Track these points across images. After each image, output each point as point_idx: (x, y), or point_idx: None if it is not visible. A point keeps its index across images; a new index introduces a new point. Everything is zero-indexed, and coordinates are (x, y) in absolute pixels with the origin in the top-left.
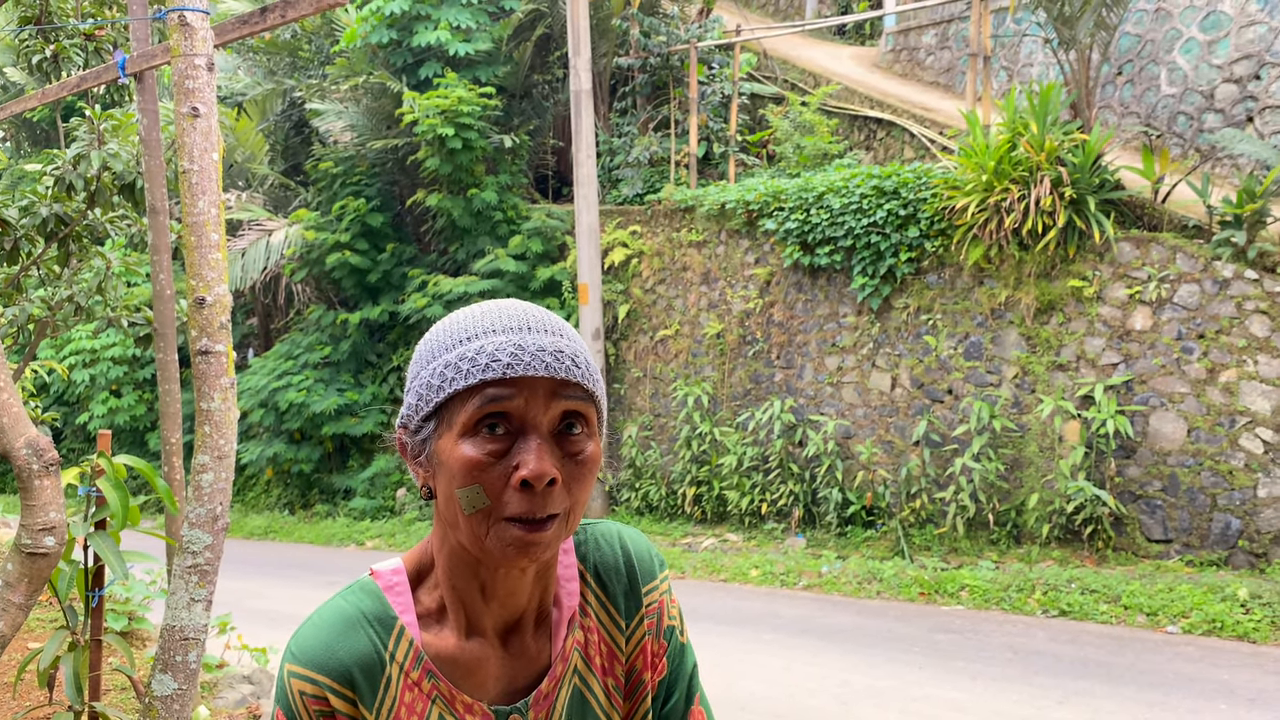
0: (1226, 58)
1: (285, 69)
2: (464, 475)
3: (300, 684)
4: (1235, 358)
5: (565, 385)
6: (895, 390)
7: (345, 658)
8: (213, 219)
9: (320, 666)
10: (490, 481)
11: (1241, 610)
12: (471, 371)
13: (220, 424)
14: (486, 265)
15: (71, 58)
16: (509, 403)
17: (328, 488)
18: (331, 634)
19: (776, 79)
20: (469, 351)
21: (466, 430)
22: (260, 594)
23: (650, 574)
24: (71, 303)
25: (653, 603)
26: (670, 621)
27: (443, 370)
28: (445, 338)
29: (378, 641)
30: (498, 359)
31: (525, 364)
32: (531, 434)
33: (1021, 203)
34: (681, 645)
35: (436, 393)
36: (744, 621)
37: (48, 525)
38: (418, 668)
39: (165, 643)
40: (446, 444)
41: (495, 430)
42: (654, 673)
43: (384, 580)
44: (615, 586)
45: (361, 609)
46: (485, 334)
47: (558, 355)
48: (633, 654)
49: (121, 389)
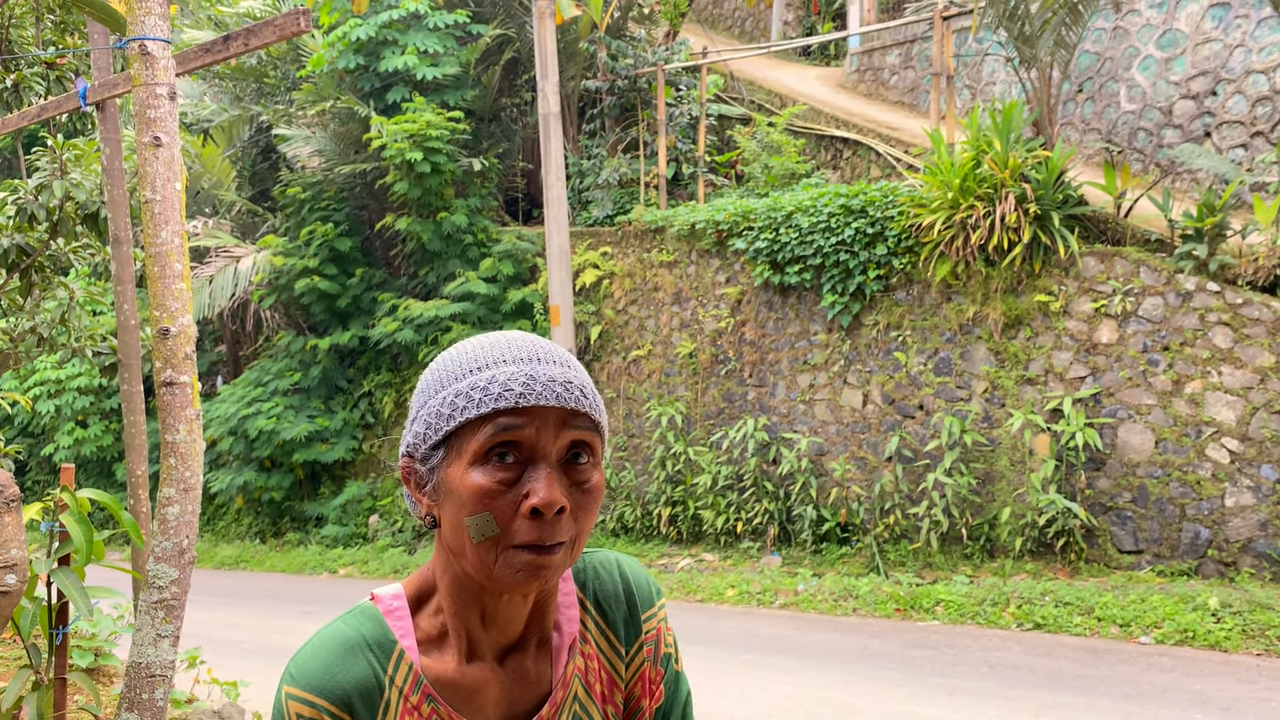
0: (1184, 74)
1: (252, 95)
2: (474, 503)
3: (298, 706)
4: (1200, 369)
5: (574, 415)
6: (867, 407)
7: (344, 682)
8: (176, 249)
9: (319, 690)
10: (500, 509)
11: (1213, 619)
12: (484, 400)
13: (186, 456)
14: (457, 288)
15: (33, 86)
16: (520, 432)
17: (299, 515)
18: (331, 658)
19: (743, 100)
20: (480, 381)
21: (477, 459)
22: (232, 624)
23: (649, 601)
24: (34, 334)
25: (651, 630)
26: (667, 649)
27: (453, 399)
28: (455, 367)
29: (377, 666)
30: (510, 388)
31: (537, 394)
32: (541, 463)
33: (987, 219)
34: (677, 673)
35: (447, 421)
36: (721, 641)
37: (9, 563)
38: (417, 692)
39: (131, 680)
40: (456, 472)
41: (505, 459)
42: (652, 700)
43: (384, 605)
44: (615, 614)
45: (362, 633)
46: (496, 364)
47: (567, 386)
48: (632, 680)
49: (88, 419)
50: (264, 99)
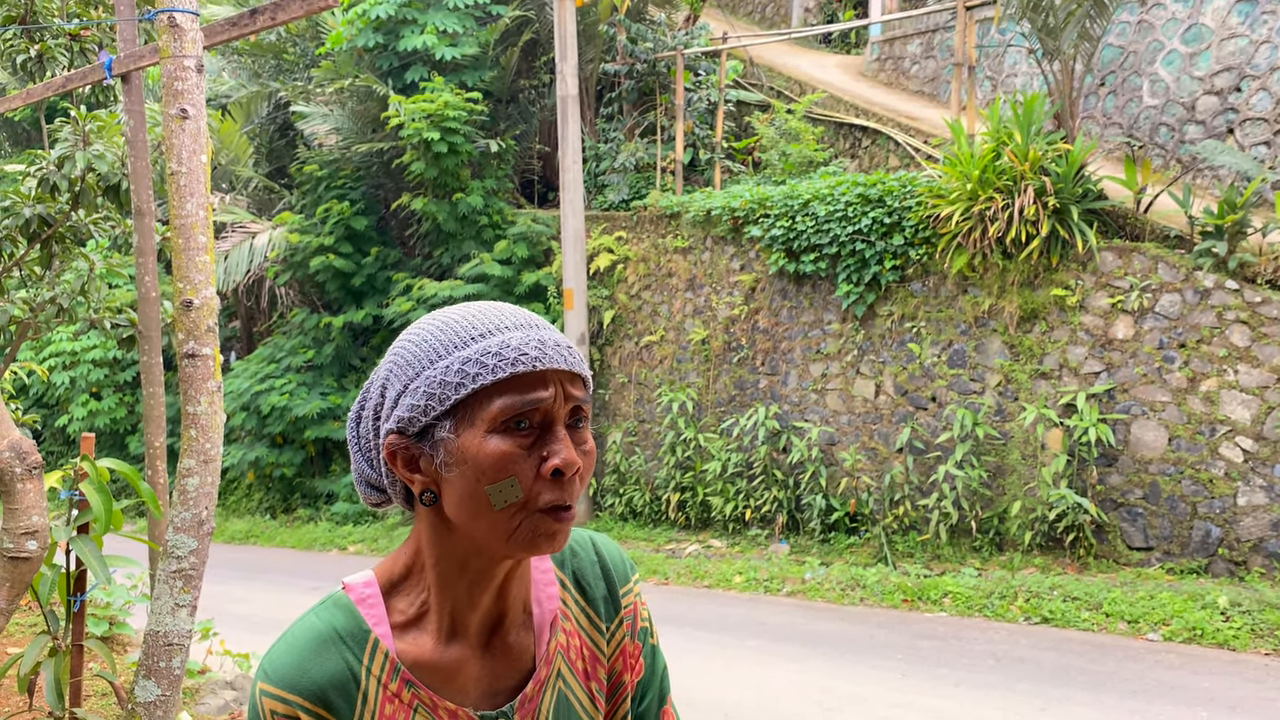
0: (1208, 70)
1: (270, 71)
2: (496, 469)
3: (272, 704)
4: (1216, 367)
5: (574, 379)
6: (879, 397)
7: (318, 676)
8: (200, 221)
9: (292, 686)
10: (523, 474)
11: (1221, 618)
12: (499, 366)
13: (206, 428)
14: (471, 270)
15: (56, 58)
16: (543, 397)
17: (310, 492)
18: (304, 653)
19: (762, 86)
20: (491, 347)
21: (495, 425)
22: (242, 599)
23: (625, 577)
24: (54, 304)
25: (629, 605)
26: (643, 623)
27: (461, 367)
28: (452, 336)
29: (351, 658)
30: (525, 353)
31: (549, 358)
32: (557, 425)
33: (1005, 212)
34: (653, 647)
35: (455, 390)
36: (727, 628)
37: (30, 529)
38: (395, 679)
39: (149, 648)
40: (471, 441)
41: (522, 426)
42: (633, 674)
43: (356, 593)
44: (595, 591)
45: (334, 625)
46: (500, 330)
47: (570, 350)
48: (614, 656)
49: (102, 392)
50: (282, 76)
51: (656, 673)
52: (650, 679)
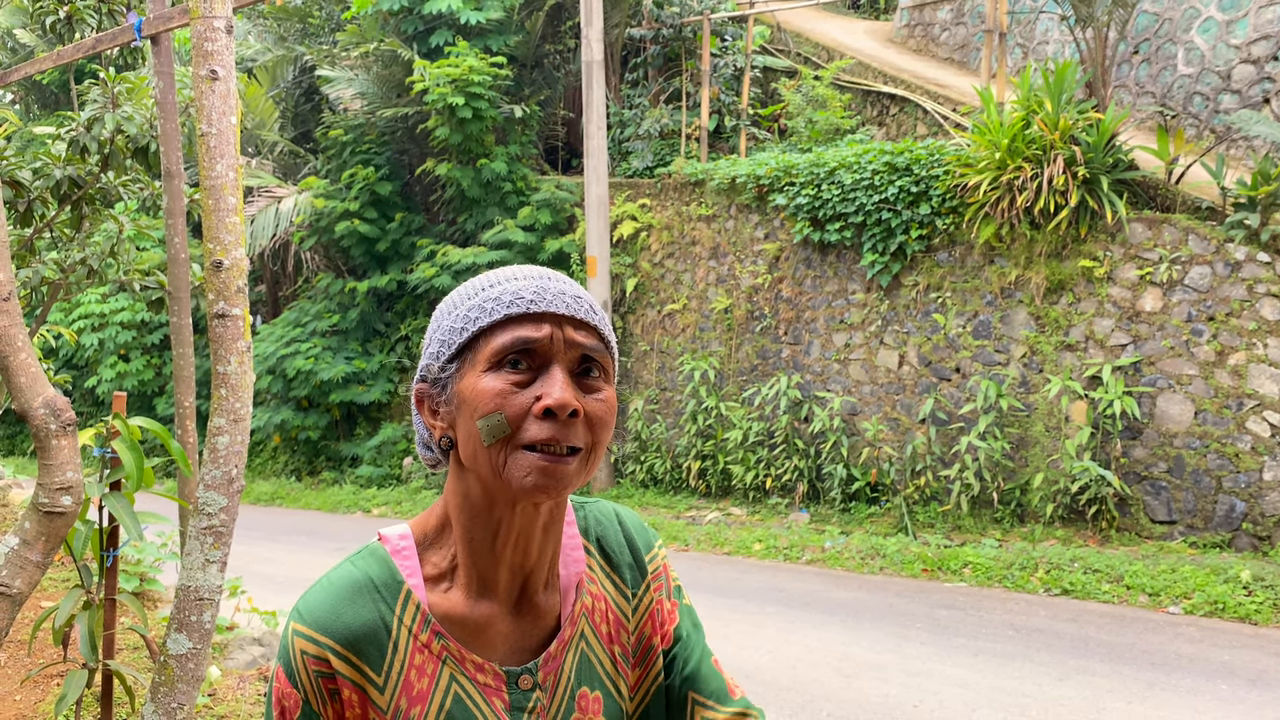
0: (1245, 38)
1: (296, 35)
2: (486, 404)
3: (303, 643)
4: (1245, 341)
5: (583, 328)
6: (903, 368)
7: (351, 621)
8: (230, 183)
9: (324, 629)
10: (512, 409)
11: (1244, 592)
12: (495, 309)
13: (236, 387)
14: (495, 236)
15: (85, 20)
16: (533, 336)
17: (334, 455)
18: (339, 598)
19: (790, 52)
20: (493, 294)
21: (490, 364)
22: (267, 559)
23: (649, 544)
24: (84, 265)
25: (656, 569)
26: (675, 583)
27: (466, 313)
28: (467, 289)
29: (384, 607)
30: (522, 296)
31: (548, 301)
32: (554, 367)
33: (1034, 181)
34: (687, 605)
35: (459, 335)
36: (747, 594)
37: (65, 485)
38: (426, 629)
39: (180, 602)
40: (469, 380)
41: (518, 366)
42: (662, 639)
43: (391, 545)
44: (619, 558)
45: (370, 574)
46: (508, 281)
47: (577, 299)
48: (641, 621)
49: (129, 354)
50: (308, 40)
51: (699, 626)
52: (694, 632)
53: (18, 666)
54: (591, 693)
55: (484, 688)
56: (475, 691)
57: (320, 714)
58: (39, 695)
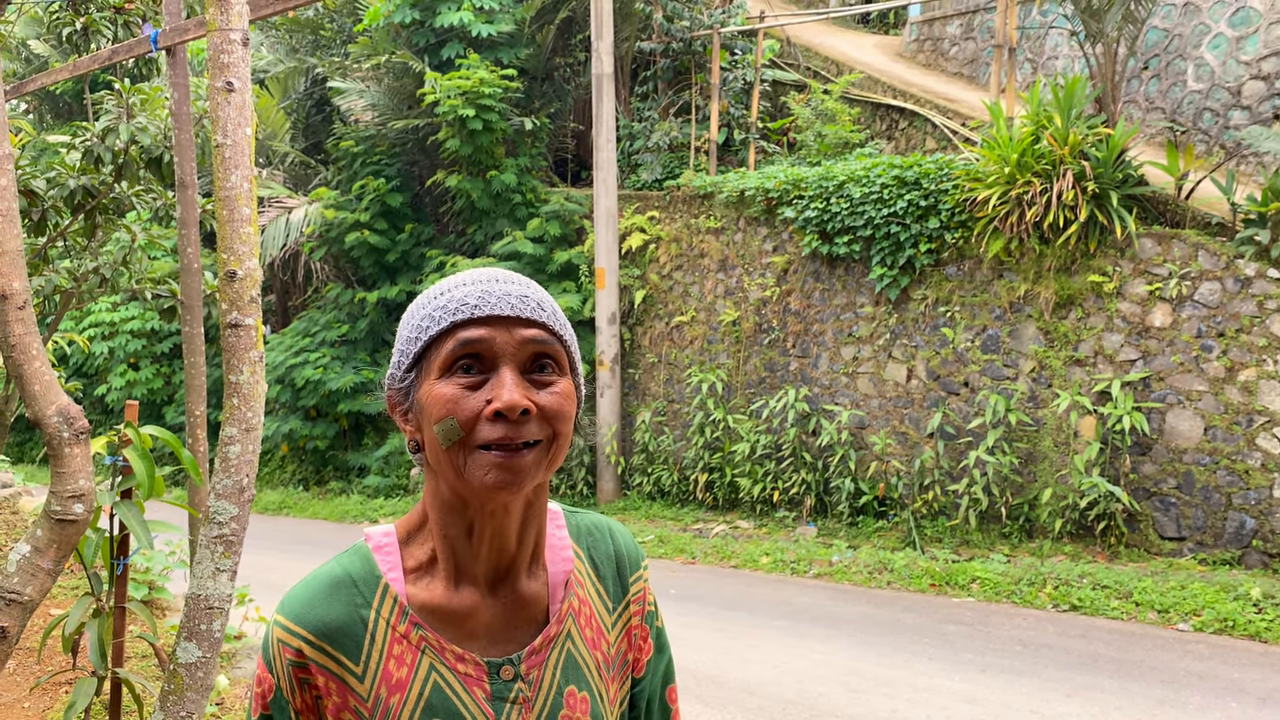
0: (1255, 54)
1: (307, 46)
2: (439, 410)
3: (280, 633)
4: (1255, 357)
5: (532, 326)
6: (911, 382)
7: (325, 614)
8: (245, 193)
9: (300, 620)
10: (464, 413)
11: (1254, 610)
12: (443, 317)
13: (248, 397)
14: (504, 247)
15: (102, 31)
16: (479, 341)
17: (342, 465)
18: (316, 593)
19: (799, 66)
20: (441, 302)
21: (442, 371)
22: (274, 568)
23: (636, 564)
24: (96, 274)
25: (639, 590)
26: (650, 607)
27: (420, 323)
28: (422, 299)
29: (360, 601)
30: (467, 303)
31: (492, 305)
32: (504, 369)
33: (1043, 196)
34: (659, 629)
35: (414, 344)
36: (754, 608)
37: (77, 492)
38: (404, 621)
39: (190, 611)
40: (426, 388)
41: (470, 371)
42: (642, 655)
43: (374, 542)
44: (605, 571)
45: (349, 570)
46: (456, 287)
47: (523, 299)
48: (618, 638)
49: (139, 362)
50: (320, 51)
51: (664, 653)
52: (658, 658)
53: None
54: (579, 692)
55: (464, 677)
56: (455, 680)
57: (289, 700)
58: (48, 702)
